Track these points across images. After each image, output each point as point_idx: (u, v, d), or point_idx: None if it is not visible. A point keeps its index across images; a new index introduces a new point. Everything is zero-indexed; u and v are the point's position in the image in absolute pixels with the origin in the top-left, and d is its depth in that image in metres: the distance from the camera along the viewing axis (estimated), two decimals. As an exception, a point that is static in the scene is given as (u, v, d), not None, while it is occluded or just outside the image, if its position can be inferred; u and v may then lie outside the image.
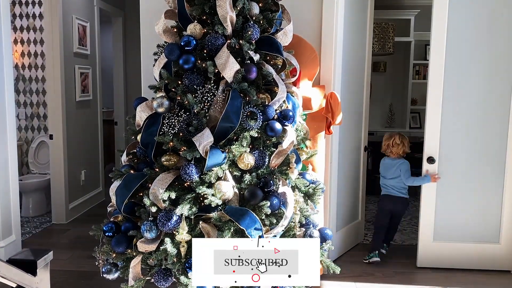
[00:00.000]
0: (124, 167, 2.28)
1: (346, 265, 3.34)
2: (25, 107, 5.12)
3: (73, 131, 4.55)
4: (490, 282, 3.13)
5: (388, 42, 5.50)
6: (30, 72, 5.08)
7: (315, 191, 2.32)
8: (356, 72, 3.56)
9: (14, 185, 3.36)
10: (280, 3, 2.38)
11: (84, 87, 4.80)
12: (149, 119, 2.21)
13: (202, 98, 2.10)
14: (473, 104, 3.20)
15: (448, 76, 3.17)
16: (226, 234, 1.96)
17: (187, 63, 2.10)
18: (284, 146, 2.13)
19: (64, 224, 4.39)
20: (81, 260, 3.46)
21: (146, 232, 2.02)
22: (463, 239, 3.30)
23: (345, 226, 3.60)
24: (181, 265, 2.03)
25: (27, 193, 4.57)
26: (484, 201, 3.27)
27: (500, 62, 3.15)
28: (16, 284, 1.45)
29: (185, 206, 1.98)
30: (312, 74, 2.95)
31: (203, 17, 2.21)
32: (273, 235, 2.08)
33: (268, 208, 2.01)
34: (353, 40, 3.41)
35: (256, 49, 2.19)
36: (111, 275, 2.22)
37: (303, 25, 3.03)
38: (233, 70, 2.07)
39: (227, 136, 2.06)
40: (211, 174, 2.00)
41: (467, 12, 3.12)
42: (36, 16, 4.99)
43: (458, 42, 3.15)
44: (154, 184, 2.03)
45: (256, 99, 2.13)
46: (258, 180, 2.09)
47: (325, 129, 2.98)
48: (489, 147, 3.22)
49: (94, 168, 5.11)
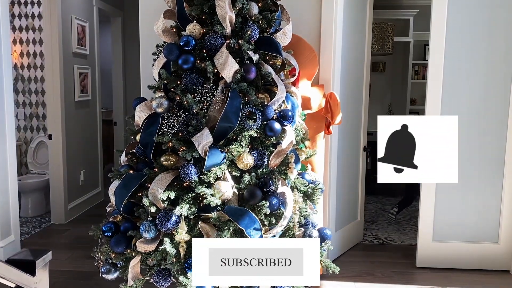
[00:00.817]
0: (123, 167, 2.28)
1: (346, 265, 3.34)
2: (24, 107, 5.12)
3: (72, 131, 4.54)
4: (489, 282, 3.13)
5: (387, 42, 5.51)
6: (29, 72, 5.07)
7: (314, 191, 2.32)
8: (355, 72, 3.56)
9: (13, 185, 3.36)
10: (279, 3, 2.38)
11: (83, 87, 4.80)
12: (148, 119, 2.21)
13: (201, 98, 2.10)
14: (472, 104, 3.20)
15: (447, 76, 3.18)
16: (225, 234, 1.96)
17: (186, 63, 2.10)
18: (283, 146, 2.13)
19: (63, 224, 4.39)
20: (80, 260, 3.46)
21: (145, 232, 2.02)
22: (462, 239, 3.30)
23: (344, 226, 3.60)
24: (180, 265, 2.03)
25: (26, 193, 4.57)
26: (483, 201, 3.27)
27: (499, 62, 3.16)
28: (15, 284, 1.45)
29: (184, 206, 1.98)
30: (311, 74, 2.95)
31: (202, 17, 2.21)
32: (272, 235, 2.08)
33: (267, 208, 2.01)
34: (352, 40, 3.41)
35: (255, 49, 2.19)
36: (110, 275, 2.22)
37: (302, 25, 3.03)
38: (232, 70, 2.07)
39: (226, 136, 2.06)
40: (210, 174, 2.00)
41: (466, 12, 3.13)
42: (35, 16, 4.99)
43: (457, 42, 3.15)
44: (153, 184, 2.02)
45: (255, 99, 2.13)
46: (257, 180, 2.09)
47: (324, 129, 2.98)
48: (488, 147, 3.22)
49: (93, 168, 5.11)
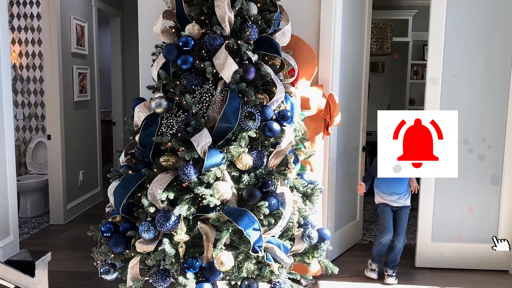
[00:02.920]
0: (122, 168, 2.28)
1: (345, 265, 3.34)
2: (23, 107, 5.11)
3: (71, 131, 4.54)
4: (488, 282, 3.14)
5: (386, 43, 5.51)
6: (28, 72, 5.07)
7: (313, 191, 2.32)
8: (354, 72, 3.56)
9: (12, 186, 3.35)
10: (278, 4, 2.38)
11: (82, 87, 4.79)
12: (147, 120, 2.21)
13: (200, 99, 2.10)
14: (471, 104, 3.20)
15: (446, 76, 3.18)
16: (224, 235, 1.97)
17: (185, 64, 2.10)
18: (282, 146, 2.13)
19: (62, 225, 4.38)
20: (79, 260, 3.45)
21: (144, 232, 2.01)
22: (461, 239, 3.30)
23: (343, 226, 3.60)
24: (180, 266, 2.04)
25: (25, 194, 4.57)
26: (482, 201, 3.27)
27: (498, 62, 3.16)
28: (14, 285, 1.44)
29: (184, 206, 1.98)
30: (310, 74, 2.96)
31: (201, 17, 2.21)
32: (271, 235, 2.08)
33: (267, 208, 2.01)
34: (351, 40, 3.41)
35: (254, 50, 2.19)
36: (109, 275, 2.22)
37: (301, 25, 3.03)
38: (231, 70, 2.07)
39: (225, 136, 2.06)
40: (209, 174, 2.00)
41: (464, 12, 3.13)
42: (34, 16, 4.98)
43: (456, 42, 3.15)
44: (152, 185, 2.02)
45: (255, 99, 2.13)
46: (256, 180, 2.09)
47: (323, 129, 2.99)
48: (487, 147, 3.22)
49: (92, 168, 5.10)
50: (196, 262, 2.01)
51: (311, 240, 2.18)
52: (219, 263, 1.94)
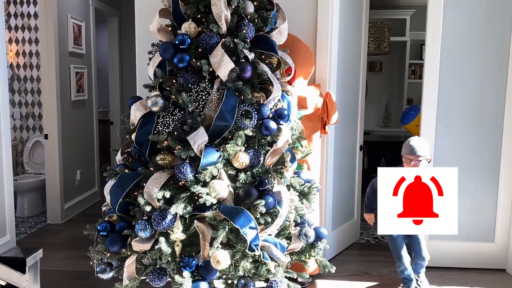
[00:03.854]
0: (118, 166, 2.28)
1: (342, 264, 3.34)
2: (20, 106, 5.10)
3: (68, 131, 4.53)
4: (485, 280, 3.14)
5: (384, 42, 5.52)
6: (25, 71, 5.05)
7: (310, 190, 2.32)
8: (352, 72, 3.56)
9: (8, 185, 3.34)
10: (275, 2, 2.38)
11: (80, 86, 4.78)
12: (143, 118, 2.20)
13: (196, 97, 2.10)
14: (468, 103, 3.20)
15: (444, 75, 3.18)
16: (220, 233, 1.96)
17: (182, 62, 2.10)
18: (279, 144, 2.13)
19: (59, 224, 4.37)
20: (76, 260, 3.45)
21: (140, 231, 2.01)
22: (459, 238, 3.30)
23: (341, 225, 3.60)
24: (176, 265, 2.03)
25: (22, 193, 4.55)
26: (479, 200, 3.27)
27: (495, 62, 3.16)
28: (5, 282, 1.43)
29: (180, 205, 1.97)
30: (307, 73, 2.95)
31: (198, 15, 2.21)
32: (268, 234, 2.08)
33: (263, 207, 2.01)
34: (348, 40, 3.41)
35: (251, 48, 2.19)
36: (105, 274, 2.21)
37: (298, 24, 3.03)
38: (227, 68, 2.06)
39: (222, 135, 2.06)
40: (205, 173, 1.99)
41: (462, 11, 3.13)
42: (31, 15, 4.97)
43: (453, 41, 3.16)
44: (149, 183, 2.02)
45: (251, 98, 2.13)
46: (253, 179, 2.09)
47: (320, 128, 2.98)
48: (484, 146, 3.23)
49: (89, 168, 5.09)
50: (192, 260, 2.01)
51: (308, 238, 2.18)
52: (215, 262, 1.94)
